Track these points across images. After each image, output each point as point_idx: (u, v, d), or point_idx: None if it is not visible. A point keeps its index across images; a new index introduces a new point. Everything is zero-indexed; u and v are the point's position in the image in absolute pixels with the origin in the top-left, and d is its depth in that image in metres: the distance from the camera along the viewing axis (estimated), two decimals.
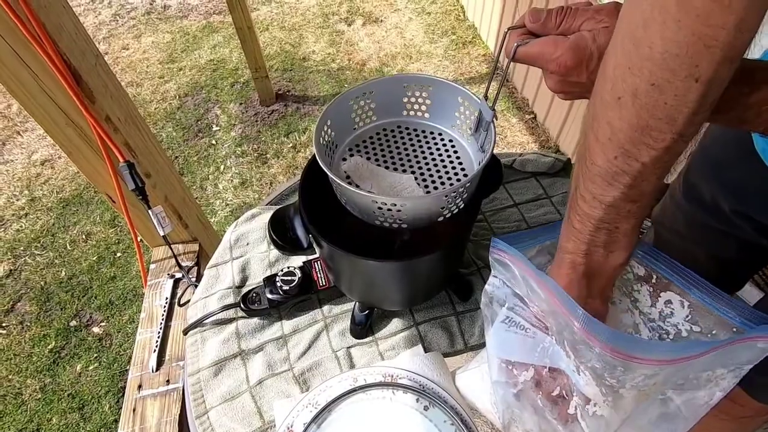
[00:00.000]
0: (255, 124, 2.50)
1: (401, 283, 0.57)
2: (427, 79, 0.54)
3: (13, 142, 2.47)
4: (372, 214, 0.46)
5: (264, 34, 3.10)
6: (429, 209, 0.46)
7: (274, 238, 0.55)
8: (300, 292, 0.63)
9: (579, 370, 0.41)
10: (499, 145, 2.37)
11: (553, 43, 0.39)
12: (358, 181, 0.52)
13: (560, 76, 0.39)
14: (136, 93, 2.72)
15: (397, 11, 3.25)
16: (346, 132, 0.56)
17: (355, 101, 0.54)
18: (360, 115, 0.56)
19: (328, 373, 0.61)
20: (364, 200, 0.44)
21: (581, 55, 0.38)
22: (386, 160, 0.54)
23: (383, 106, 0.57)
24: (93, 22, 3.25)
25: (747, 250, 0.71)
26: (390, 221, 0.46)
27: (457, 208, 0.48)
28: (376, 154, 0.55)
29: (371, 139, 0.57)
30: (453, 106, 0.54)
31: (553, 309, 0.40)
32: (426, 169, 0.53)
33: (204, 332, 0.66)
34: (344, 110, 0.54)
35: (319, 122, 0.50)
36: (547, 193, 0.82)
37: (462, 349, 0.63)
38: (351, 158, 0.54)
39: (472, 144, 0.53)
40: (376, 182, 0.51)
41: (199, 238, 1.14)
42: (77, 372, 1.61)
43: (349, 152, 0.55)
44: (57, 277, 1.89)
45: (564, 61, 0.38)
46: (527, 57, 0.40)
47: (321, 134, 0.50)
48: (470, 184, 0.46)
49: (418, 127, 0.58)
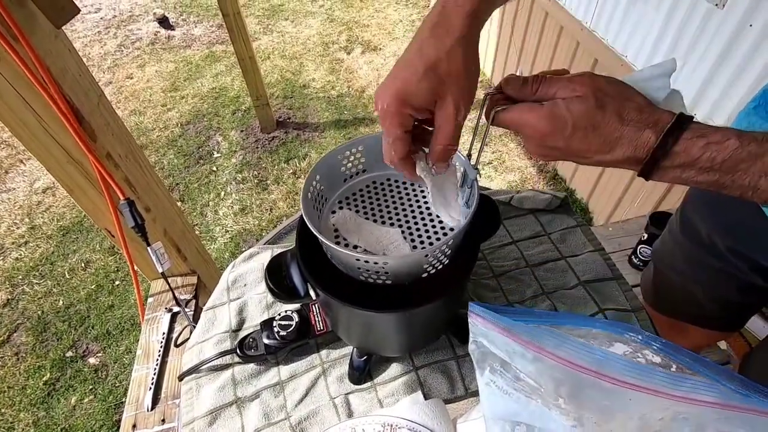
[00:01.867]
0: (255, 151, 2.53)
1: (399, 332, 0.56)
2: None
3: (15, 170, 2.49)
4: (356, 270, 0.46)
5: (265, 62, 3.17)
6: (411, 266, 0.46)
7: (271, 286, 0.55)
8: (297, 337, 0.62)
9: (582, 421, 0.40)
10: (498, 170, 2.38)
11: (529, 110, 0.40)
12: (345, 235, 0.52)
13: (537, 141, 0.41)
14: (139, 121, 2.75)
15: (395, 39, 3.32)
16: (336, 185, 0.57)
17: (345, 156, 0.55)
18: (350, 169, 0.57)
19: (326, 421, 0.59)
20: (348, 258, 0.45)
21: (556, 123, 0.39)
22: (375, 213, 0.55)
23: (373, 159, 0.57)
24: (98, 53, 3.32)
25: (745, 289, 0.71)
26: (374, 277, 0.47)
27: (441, 264, 0.48)
28: (365, 207, 0.56)
29: (361, 192, 0.57)
30: None
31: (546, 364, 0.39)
32: (413, 222, 0.53)
33: (200, 379, 0.64)
34: (334, 164, 0.55)
35: (308, 178, 0.51)
36: (545, 230, 0.82)
37: (462, 395, 0.62)
38: (340, 211, 0.55)
39: (460, 198, 0.54)
40: (363, 236, 0.51)
41: (197, 270, 1.13)
42: (72, 405, 1.58)
43: (339, 205, 0.56)
44: (55, 306, 1.87)
45: (540, 128, 0.40)
46: (505, 122, 0.42)
47: (310, 189, 0.51)
48: (453, 242, 0.46)
49: (407, 180, 0.58)
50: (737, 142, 0.37)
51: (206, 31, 3.52)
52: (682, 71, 1.44)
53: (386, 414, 0.58)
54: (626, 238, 1.60)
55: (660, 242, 0.87)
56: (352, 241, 0.51)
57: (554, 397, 0.41)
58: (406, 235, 0.52)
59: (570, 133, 0.40)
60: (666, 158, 0.39)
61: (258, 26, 3.55)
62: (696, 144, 0.38)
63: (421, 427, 0.56)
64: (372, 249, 0.50)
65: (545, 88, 0.41)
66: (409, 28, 3.40)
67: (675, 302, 0.84)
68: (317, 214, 0.53)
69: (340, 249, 0.43)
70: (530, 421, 0.43)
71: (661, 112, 0.41)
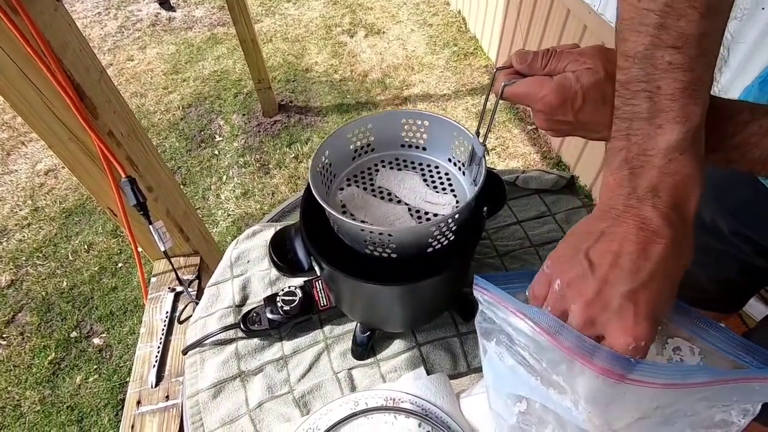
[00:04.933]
0: (257, 135, 2.51)
1: (403, 306, 0.56)
2: (423, 114, 0.55)
3: (17, 152, 2.48)
4: (362, 243, 0.47)
5: (267, 45, 3.13)
6: (416, 240, 0.46)
7: (275, 259, 0.55)
8: (301, 312, 0.62)
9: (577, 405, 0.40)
10: (501, 156, 2.37)
11: (539, 83, 0.40)
12: (353, 211, 0.53)
13: (547, 114, 0.41)
14: (140, 104, 2.73)
15: (399, 23, 3.27)
16: (344, 163, 0.57)
17: (354, 134, 0.55)
18: (359, 147, 0.57)
19: (328, 395, 0.60)
20: (354, 229, 0.45)
21: (566, 94, 0.39)
22: (382, 191, 0.55)
23: (382, 138, 0.58)
24: (99, 34, 3.28)
25: (747, 271, 0.71)
26: (379, 250, 0.47)
27: (446, 240, 0.48)
28: (372, 185, 0.56)
29: (369, 170, 0.58)
30: (448, 140, 0.55)
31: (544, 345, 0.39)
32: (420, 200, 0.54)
33: (203, 353, 0.65)
34: (343, 142, 0.55)
35: (317, 153, 0.51)
36: (550, 211, 0.81)
37: (465, 371, 0.62)
38: (348, 188, 0.55)
39: (467, 177, 0.54)
40: (370, 212, 0.52)
41: (200, 251, 1.14)
42: (77, 384, 1.60)
43: (347, 182, 0.57)
44: (58, 287, 1.88)
45: (549, 101, 0.39)
46: (514, 96, 0.41)
47: (318, 164, 0.51)
48: (458, 216, 0.47)
49: (415, 159, 0.59)
50: (750, 115, 0.37)
51: (207, 12, 3.47)
52: None
53: (389, 388, 0.59)
54: None
55: None
56: (359, 216, 0.52)
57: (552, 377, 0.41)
58: (412, 212, 0.52)
59: (580, 105, 0.40)
60: None
61: (260, 8, 3.49)
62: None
63: (423, 401, 0.56)
64: (378, 224, 0.51)
65: (555, 62, 0.40)
66: (413, 11, 3.35)
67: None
68: (326, 189, 0.54)
69: (347, 220, 0.43)
70: (531, 395, 0.44)
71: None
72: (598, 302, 0.32)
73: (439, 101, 2.64)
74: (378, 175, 0.57)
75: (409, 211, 0.52)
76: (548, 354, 0.40)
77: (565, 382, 0.40)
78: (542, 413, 0.43)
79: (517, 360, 0.44)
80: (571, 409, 0.40)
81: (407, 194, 0.55)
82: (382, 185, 0.56)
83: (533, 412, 0.44)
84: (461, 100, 2.64)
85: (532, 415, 0.44)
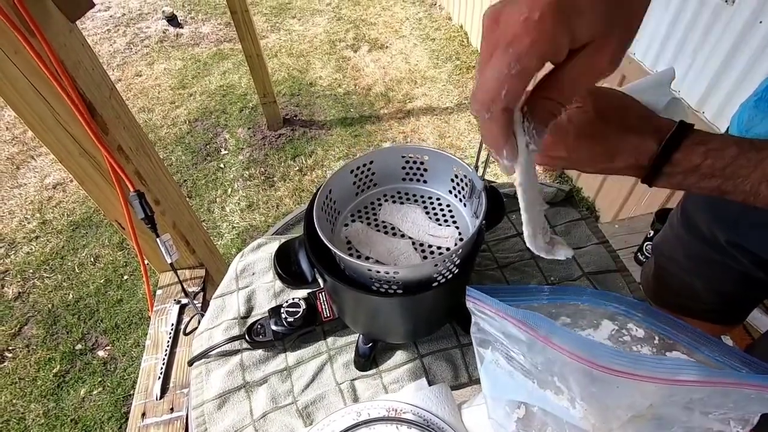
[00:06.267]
0: (262, 148, 2.55)
1: (404, 317, 0.57)
2: (423, 149, 0.57)
3: (27, 166, 2.53)
4: (369, 281, 0.48)
5: (272, 60, 3.18)
6: (421, 276, 0.47)
7: (279, 271, 0.56)
8: (304, 323, 0.63)
9: (574, 403, 0.41)
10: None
11: None
12: (358, 247, 0.54)
13: (541, 150, 0.42)
14: (148, 118, 2.78)
15: (402, 38, 3.33)
16: (348, 199, 0.58)
17: (356, 170, 0.57)
18: (361, 183, 0.59)
19: (331, 406, 0.60)
20: (360, 268, 0.46)
21: (558, 134, 0.41)
22: (386, 225, 0.57)
23: (383, 173, 0.59)
24: (108, 50, 3.36)
25: (745, 283, 0.71)
26: (386, 287, 0.48)
27: (450, 274, 0.49)
28: (376, 220, 0.57)
29: (372, 204, 0.59)
30: (448, 173, 0.57)
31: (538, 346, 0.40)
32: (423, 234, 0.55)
33: (209, 364, 0.66)
34: (346, 179, 0.57)
35: (321, 192, 0.52)
36: (550, 223, 0.82)
37: (466, 382, 0.63)
38: (352, 224, 0.57)
39: (468, 208, 0.55)
40: (375, 248, 0.53)
41: (205, 263, 1.15)
42: (81, 396, 1.61)
43: (351, 218, 0.58)
44: (64, 299, 1.90)
45: (543, 140, 0.41)
46: None
47: (322, 204, 0.52)
48: (462, 251, 0.48)
49: (416, 192, 0.60)
50: (737, 149, 0.38)
51: (214, 29, 3.55)
52: (691, 67, 1.43)
53: (391, 399, 0.59)
54: (632, 236, 1.60)
55: (660, 236, 0.87)
56: (364, 252, 0.53)
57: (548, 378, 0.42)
58: (416, 246, 0.54)
59: (572, 143, 0.42)
60: (668, 165, 0.40)
61: (265, 24, 3.57)
62: (697, 151, 0.39)
63: (425, 412, 0.57)
64: (383, 260, 0.52)
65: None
66: (415, 26, 3.41)
67: (675, 296, 0.84)
68: (330, 227, 0.55)
69: (353, 260, 0.44)
70: (529, 400, 0.44)
71: (661, 120, 0.42)
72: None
73: (441, 114, 2.67)
74: (381, 210, 0.58)
75: (413, 245, 0.54)
76: (541, 355, 0.41)
77: (561, 382, 0.41)
78: (540, 417, 0.44)
79: (513, 365, 0.44)
80: (568, 409, 0.41)
81: (410, 228, 0.55)
82: (385, 219, 0.57)
83: (532, 417, 0.45)
84: (463, 113, 2.67)
85: (530, 420, 0.45)
